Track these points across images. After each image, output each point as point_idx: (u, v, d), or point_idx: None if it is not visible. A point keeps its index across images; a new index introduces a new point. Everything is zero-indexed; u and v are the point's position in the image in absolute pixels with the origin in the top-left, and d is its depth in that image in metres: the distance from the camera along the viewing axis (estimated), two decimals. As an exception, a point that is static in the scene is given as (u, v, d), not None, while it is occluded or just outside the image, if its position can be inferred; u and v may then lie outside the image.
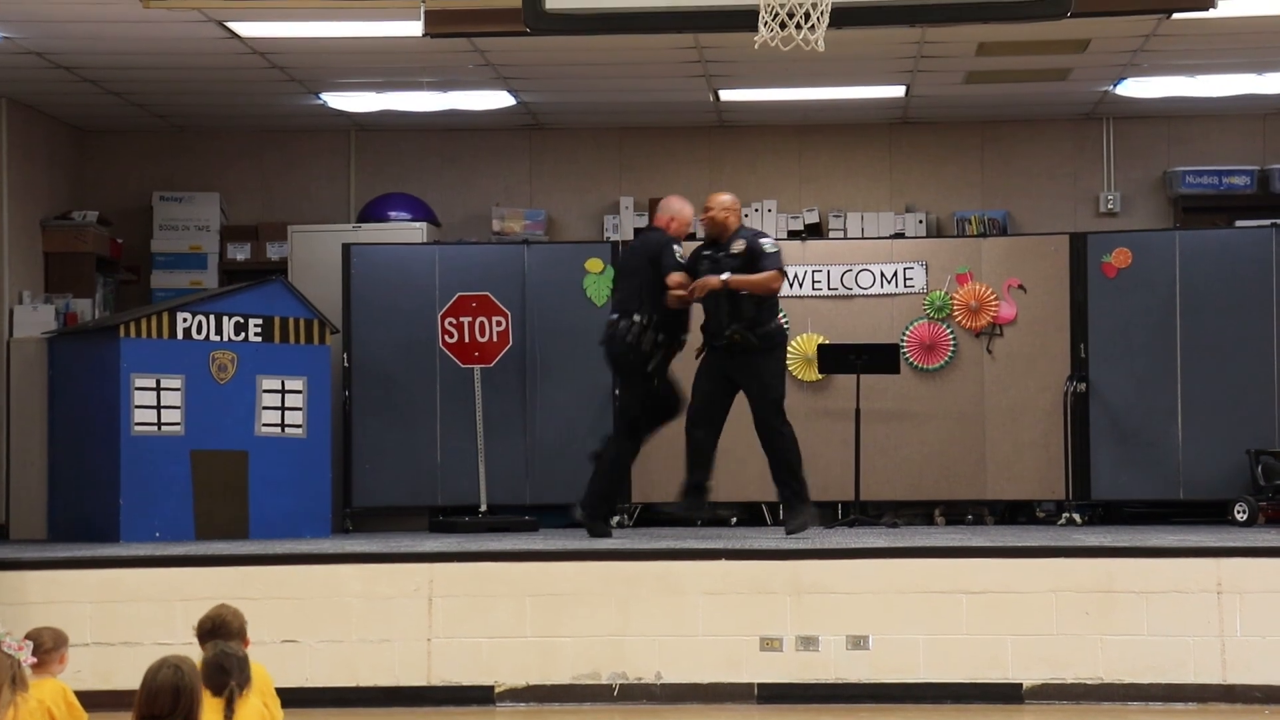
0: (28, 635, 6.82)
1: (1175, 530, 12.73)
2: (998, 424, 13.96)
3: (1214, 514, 13.56)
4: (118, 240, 15.29)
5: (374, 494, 14.17)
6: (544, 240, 15.13)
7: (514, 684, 10.59)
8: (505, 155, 15.73)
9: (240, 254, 15.49)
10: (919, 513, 14.28)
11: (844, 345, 13.81)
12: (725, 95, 14.40)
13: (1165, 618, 10.43)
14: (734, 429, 12.24)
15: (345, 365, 14.14)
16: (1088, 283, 13.86)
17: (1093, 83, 14.14)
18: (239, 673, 6.18)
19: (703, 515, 12.54)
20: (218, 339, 12.68)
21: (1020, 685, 10.47)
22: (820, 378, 14.05)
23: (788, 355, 13.01)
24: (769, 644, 10.55)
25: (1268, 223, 14.06)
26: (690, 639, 10.58)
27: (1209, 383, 13.64)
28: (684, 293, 12.04)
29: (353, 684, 10.59)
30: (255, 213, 15.73)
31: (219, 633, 6.90)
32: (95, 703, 7.86)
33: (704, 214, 12.25)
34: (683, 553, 10.91)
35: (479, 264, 14.27)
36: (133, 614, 10.58)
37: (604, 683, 10.55)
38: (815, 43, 8.88)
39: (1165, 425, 13.70)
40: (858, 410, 13.48)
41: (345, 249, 14.32)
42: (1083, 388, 13.76)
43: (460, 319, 13.50)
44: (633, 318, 12.10)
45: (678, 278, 12.07)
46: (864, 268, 14.18)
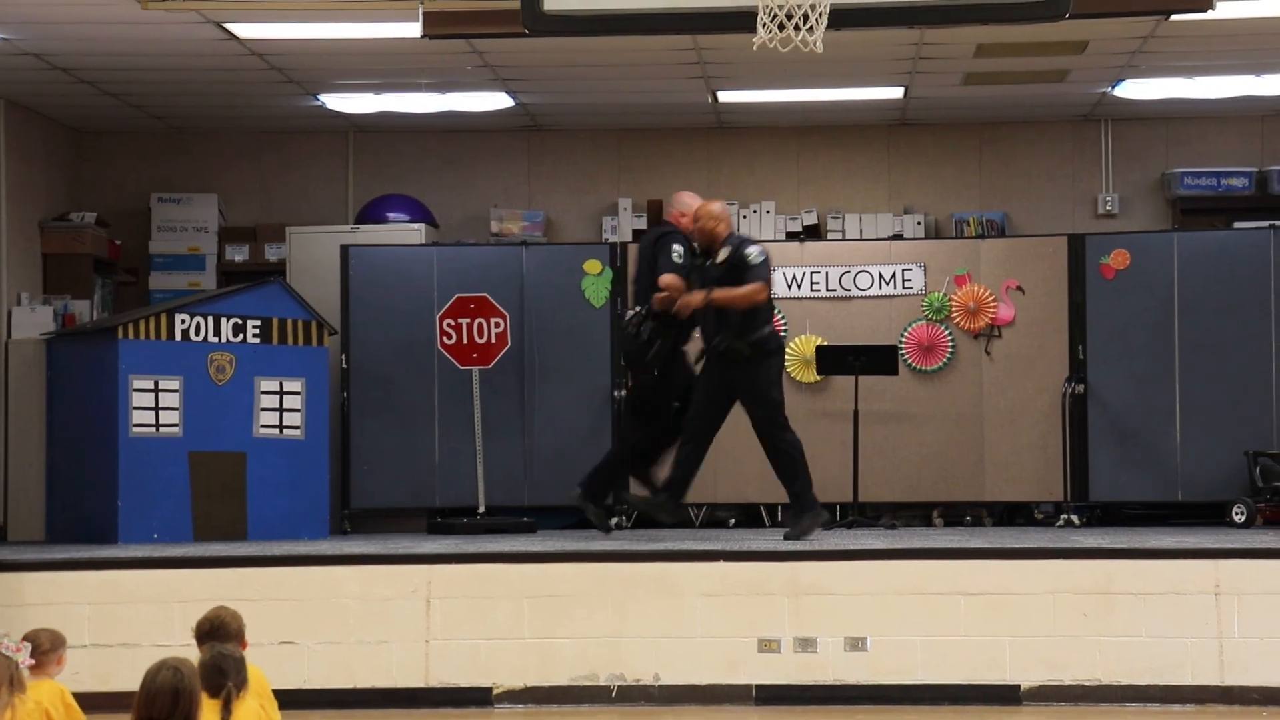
0: (25, 637, 6.82)
1: (1173, 532, 12.72)
2: (996, 425, 13.96)
3: (1212, 515, 13.55)
4: (116, 241, 15.28)
5: (372, 495, 14.17)
6: (542, 241, 15.12)
7: (512, 685, 10.58)
8: (503, 157, 15.73)
9: (238, 255, 15.48)
10: (917, 514, 14.28)
11: (842, 347, 13.81)
12: (724, 96, 14.39)
13: (1163, 619, 10.43)
14: (733, 430, 12.22)
15: (343, 366, 14.15)
16: (1086, 284, 13.86)
17: (1091, 84, 14.14)
18: (235, 674, 6.17)
19: (670, 518, 12.19)
20: (216, 340, 12.68)
21: (1018, 687, 10.46)
22: (818, 379, 14.05)
23: (785, 359, 12.98)
24: (767, 645, 10.55)
25: (1266, 224, 14.07)
26: (688, 640, 10.58)
27: (1207, 384, 13.64)
28: (666, 296, 11.95)
29: (350, 685, 10.59)
30: (253, 214, 15.73)
31: (217, 634, 6.90)
32: (93, 704, 7.87)
33: (693, 224, 12.04)
34: (681, 554, 10.91)
35: (477, 265, 14.27)
36: (131, 615, 10.58)
37: (602, 684, 10.55)
38: (813, 44, 8.88)
39: (1164, 427, 13.70)
40: (856, 412, 13.48)
41: (343, 250, 14.33)
42: (1081, 389, 13.76)
43: (459, 320, 13.49)
44: (637, 310, 12.12)
45: (668, 279, 11.97)
46: (862, 269, 14.18)
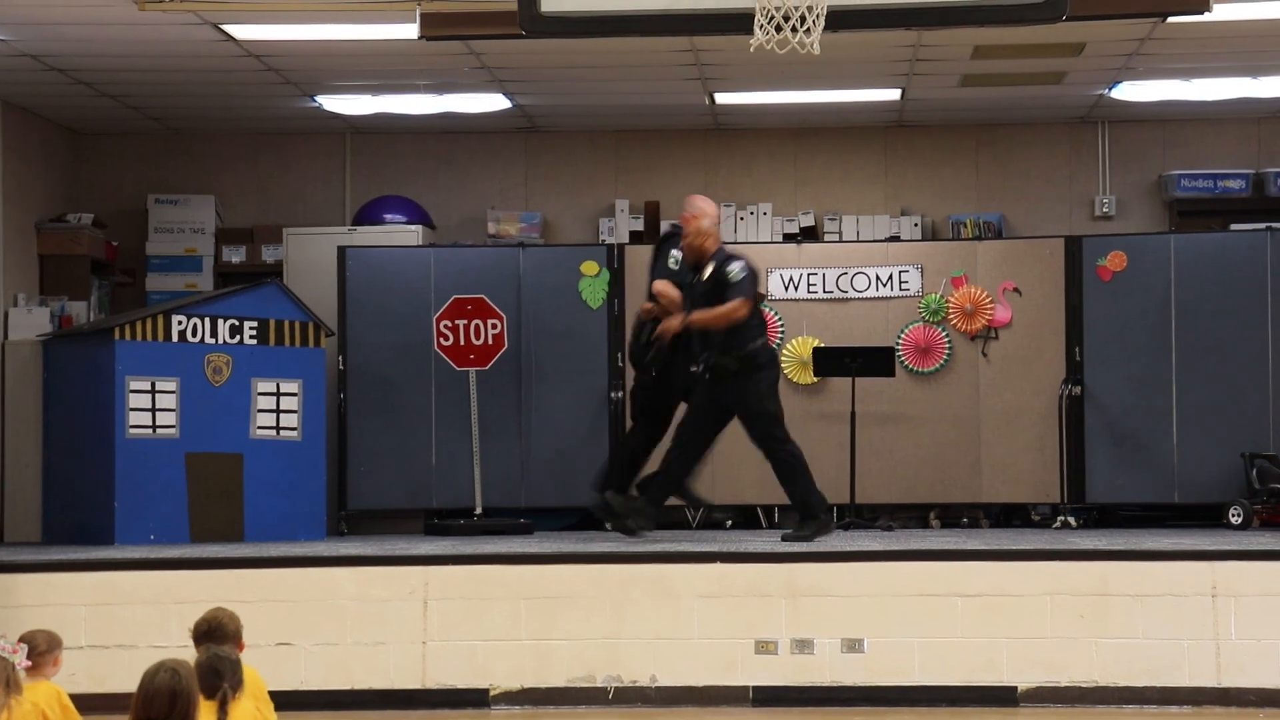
0: (22, 638, 6.82)
1: (1170, 533, 12.72)
2: (993, 427, 13.96)
3: (1209, 517, 13.54)
4: (113, 243, 15.27)
5: (369, 497, 14.16)
6: (539, 243, 15.11)
7: (509, 687, 10.58)
8: (500, 158, 15.72)
9: (235, 256, 15.47)
10: (914, 516, 14.28)
11: (839, 348, 13.82)
12: (721, 98, 14.39)
13: (1160, 621, 10.43)
14: (729, 433, 12.18)
15: (340, 368, 14.15)
16: (1083, 286, 13.87)
17: (1088, 86, 14.14)
18: (231, 675, 6.17)
19: (642, 527, 12.01)
20: (213, 342, 12.67)
21: (1015, 688, 10.46)
22: (815, 381, 14.06)
23: (781, 366, 12.96)
24: (764, 647, 10.54)
25: (1262, 226, 14.08)
26: (685, 642, 10.57)
27: (1204, 386, 13.65)
28: (651, 307, 12.02)
29: (347, 687, 10.58)
30: (250, 215, 15.71)
31: (215, 635, 6.89)
32: (90, 706, 7.87)
33: (682, 238, 11.99)
34: (678, 555, 10.90)
35: (474, 267, 14.27)
36: (128, 617, 10.57)
37: (599, 685, 10.55)
38: (811, 46, 8.88)
39: (1160, 428, 13.71)
40: (853, 413, 13.48)
41: (340, 252, 14.33)
42: (1078, 391, 13.77)
43: (456, 321, 13.48)
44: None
45: (659, 286, 12.06)
46: (859, 271, 14.19)
